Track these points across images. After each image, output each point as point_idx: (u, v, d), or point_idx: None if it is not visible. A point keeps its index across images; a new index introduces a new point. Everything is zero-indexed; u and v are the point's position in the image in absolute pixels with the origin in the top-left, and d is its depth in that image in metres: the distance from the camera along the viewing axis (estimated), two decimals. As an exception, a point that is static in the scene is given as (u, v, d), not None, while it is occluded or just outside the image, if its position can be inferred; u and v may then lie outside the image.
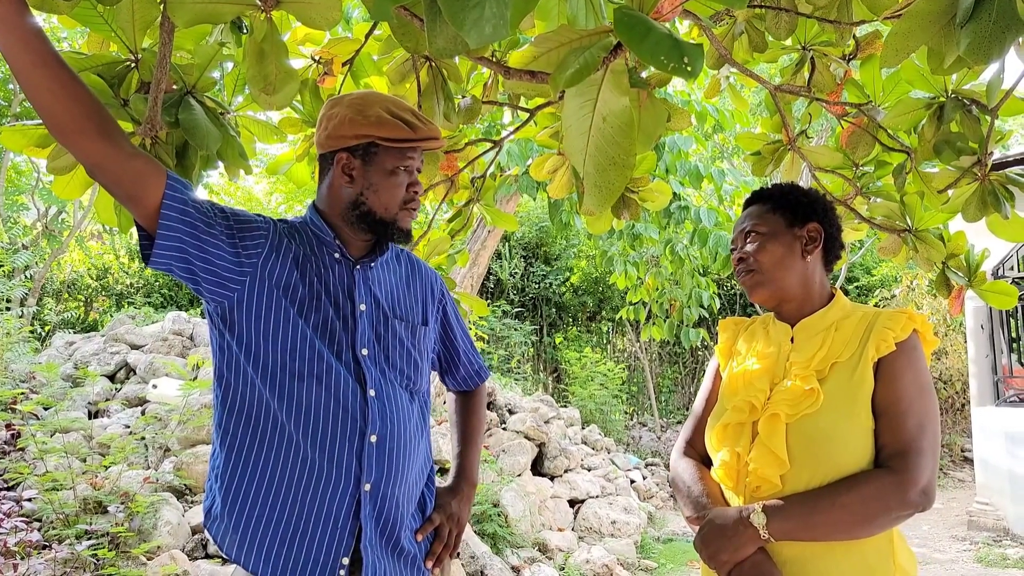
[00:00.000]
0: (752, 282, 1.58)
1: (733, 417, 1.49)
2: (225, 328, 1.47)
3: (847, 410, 1.40)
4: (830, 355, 1.48)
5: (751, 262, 1.57)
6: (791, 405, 1.42)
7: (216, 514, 1.46)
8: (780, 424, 1.41)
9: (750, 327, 1.71)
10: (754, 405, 1.48)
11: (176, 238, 1.34)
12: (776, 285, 1.56)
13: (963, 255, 2.67)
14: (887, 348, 1.43)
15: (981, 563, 5.98)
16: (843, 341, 1.48)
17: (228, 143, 1.88)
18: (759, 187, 1.71)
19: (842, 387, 1.42)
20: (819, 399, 1.41)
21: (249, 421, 1.45)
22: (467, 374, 1.85)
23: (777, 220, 1.59)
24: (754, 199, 1.68)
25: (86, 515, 3.50)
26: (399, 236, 1.57)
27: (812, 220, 1.59)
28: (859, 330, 1.49)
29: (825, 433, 1.38)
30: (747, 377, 1.56)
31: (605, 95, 1.17)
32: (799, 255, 1.57)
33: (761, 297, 1.59)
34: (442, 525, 1.62)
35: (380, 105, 1.51)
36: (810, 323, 1.54)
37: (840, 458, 1.37)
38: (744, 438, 1.47)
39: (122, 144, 1.28)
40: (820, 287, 1.59)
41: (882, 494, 1.33)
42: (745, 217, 1.64)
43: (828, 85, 2.48)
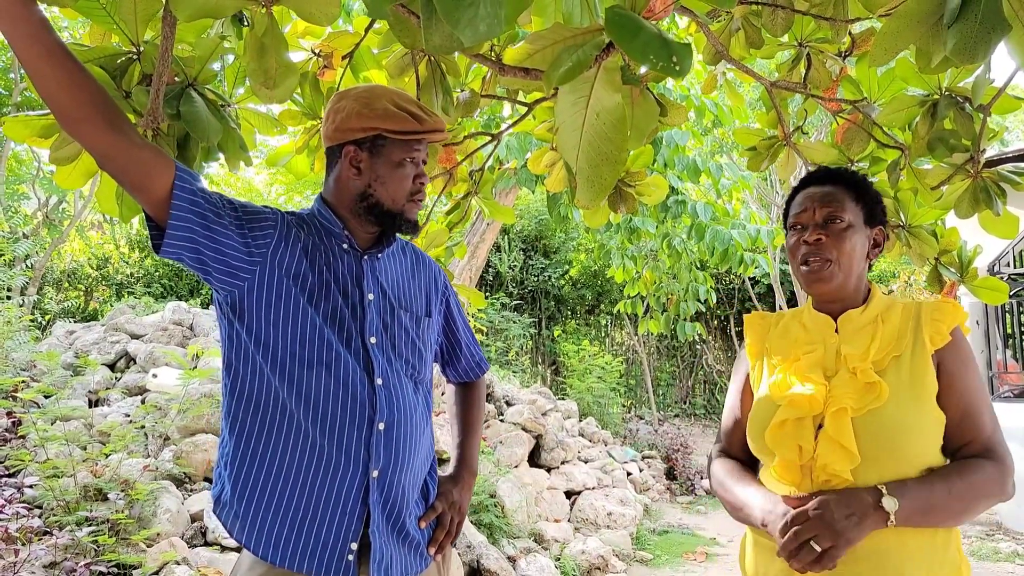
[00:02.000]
0: (828, 273, 1.48)
1: (791, 412, 1.42)
2: (235, 317, 1.49)
3: (914, 403, 1.37)
4: (885, 347, 1.44)
5: (830, 249, 1.48)
6: (855, 399, 1.38)
7: (225, 500, 1.49)
8: (847, 418, 1.36)
9: (780, 322, 1.64)
10: (815, 397, 1.41)
11: (187, 228, 1.37)
12: (846, 281, 1.49)
13: (956, 251, 2.68)
14: (942, 339, 1.42)
15: (974, 556, 6.02)
16: (894, 333, 1.45)
17: (229, 135, 1.90)
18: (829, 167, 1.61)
19: (904, 380, 1.39)
20: (884, 392, 1.37)
21: (258, 409, 1.47)
22: (468, 366, 1.88)
23: (859, 212, 1.52)
24: (835, 179, 1.56)
25: (86, 502, 3.53)
26: (406, 227, 1.60)
27: (881, 223, 1.56)
28: (906, 322, 1.46)
29: (895, 427, 1.35)
30: (798, 370, 1.48)
31: (598, 92, 1.19)
32: (866, 255, 1.53)
33: (828, 288, 1.50)
34: (444, 513, 1.65)
35: (386, 98, 1.53)
36: (855, 315, 1.50)
37: (911, 451, 1.35)
38: (807, 433, 1.40)
39: (130, 134, 1.30)
40: (865, 287, 1.56)
41: (988, 483, 1.34)
42: (825, 196, 1.52)
43: (824, 81, 2.49)
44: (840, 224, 1.49)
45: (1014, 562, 5.81)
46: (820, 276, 1.48)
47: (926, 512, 1.29)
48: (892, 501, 1.27)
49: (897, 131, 2.48)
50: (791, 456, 1.41)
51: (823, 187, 1.55)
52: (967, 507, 1.32)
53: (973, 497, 1.32)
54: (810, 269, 1.49)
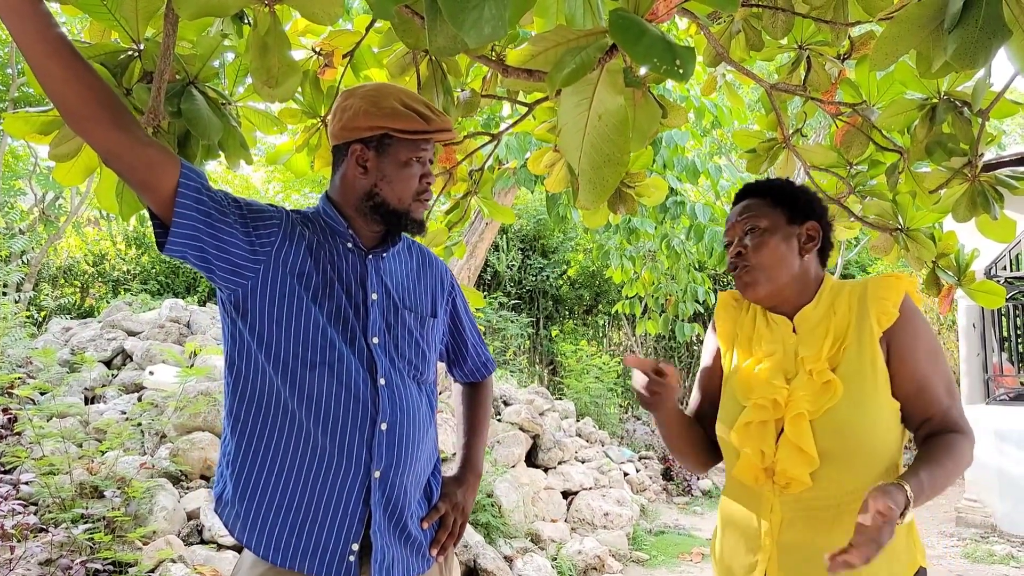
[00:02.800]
0: (750, 279, 1.55)
1: (756, 415, 1.47)
2: (238, 316, 1.49)
3: (867, 396, 1.41)
4: (837, 340, 1.47)
5: (750, 259, 1.55)
6: (812, 401, 1.42)
7: (227, 499, 1.49)
8: (805, 422, 1.41)
9: (750, 310, 1.68)
10: (777, 402, 1.46)
11: (191, 226, 1.36)
12: (774, 284, 1.54)
13: (953, 255, 2.69)
14: (889, 319, 1.45)
15: (968, 559, 6.05)
16: (843, 322, 1.49)
17: (229, 133, 1.90)
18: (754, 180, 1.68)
19: (855, 371, 1.43)
20: (838, 390, 1.41)
21: (260, 408, 1.47)
22: (474, 366, 1.87)
23: (778, 216, 1.57)
24: (751, 192, 1.64)
25: (82, 499, 3.52)
26: (412, 227, 1.59)
27: (811, 218, 1.59)
28: (853, 304, 1.49)
29: (850, 424, 1.39)
30: (761, 374, 1.53)
31: (601, 94, 1.20)
32: (797, 253, 1.56)
33: (756, 296, 1.56)
34: (447, 514, 1.64)
35: (394, 97, 1.53)
36: (808, 313, 1.54)
37: (869, 445, 1.39)
38: (769, 436, 1.46)
39: (136, 132, 1.30)
40: (815, 280, 1.58)
41: (965, 455, 1.38)
42: (743, 210, 1.61)
43: (823, 84, 2.50)
44: (757, 232, 1.56)
45: (1008, 564, 5.83)
46: (746, 283, 1.56)
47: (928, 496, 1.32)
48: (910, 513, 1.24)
49: (896, 134, 2.49)
50: (755, 458, 1.47)
51: (739, 202, 1.64)
52: (953, 481, 1.38)
53: (957, 470, 1.37)
54: (739, 279, 1.58)
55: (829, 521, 1.39)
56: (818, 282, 1.59)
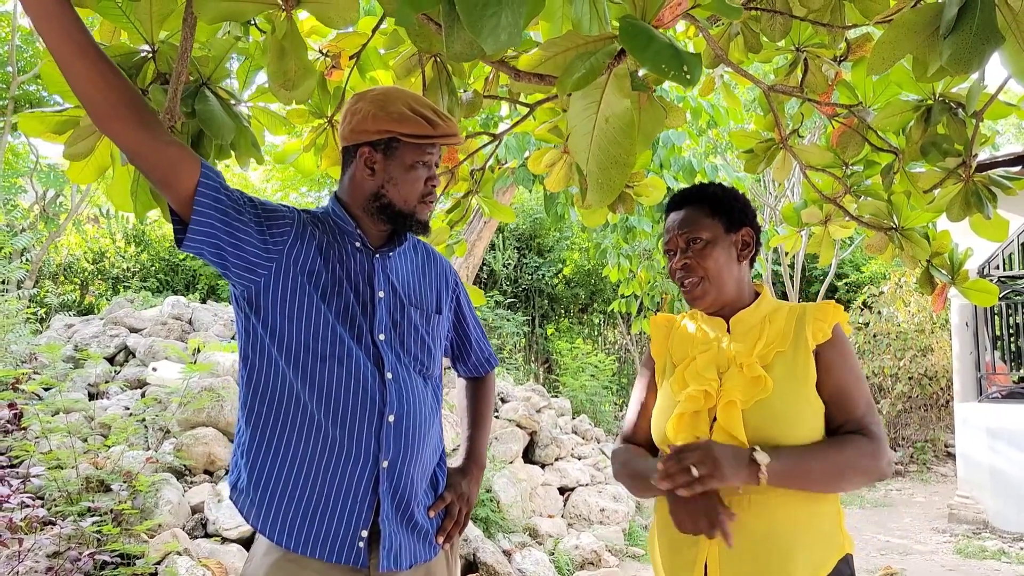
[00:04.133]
0: (700, 291, 1.62)
1: (688, 406, 1.55)
2: (251, 311, 1.53)
3: (796, 394, 1.51)
4: (770, 344, 1.57)
5: (696, 269, 1.61)
6: (744, 391, 1.51)
7: (242, 487, 1.53)
8: (737, 410, 1.49)
9: (678, 324, 1.77)
10: (709, 392, 1.55)
11: (208, 224, 1.41)
12: (720, 291, 1.63)
13: (947, 253, 2.72)
14: (823, 336, 1.56)
15: (960, 554, 6.11)
16: (779, 332, 1.58)
17: (242, 133, 1.93)
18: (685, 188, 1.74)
19: (787, 373, 1.53)
20: (768, 385, 1.50)
21: (273, 400, 1.52)
22: (478, 361, 1.92)
23: (716, 225, 1.64)
24: (687, 200, 1.70)
25: (88, 493, 3.56)
26: (417, 227, 1.64)
27: (744, 225, 1.67)
28: (791, 322, 1.59)
29: (779, 416, 1.48)
30: (694, 367, 1.61)
31: (608, 97, 1.24)
32: (735, 260, 1.65)
33: (705, 304, 1.64)
34: (453, 503, 1.69)
35: (402, 102, 1.57)
36: (744, 316, 1.64)
37: (794, 437, 1.47)
38: (702, 424, 1.54)
39: (159, 132, 1.34)
40: (748, 286, 1.69)
41: (861, 455, 1.47)
42: (682, 221, 1.65)
43: (820, 86, 2.53)
44: (699, 244, 1.62)
45: (1000, 560, 5.89)
46: (694, 295, 1.63)
47: (797, 475, 1.42)
48: (763, 455, 1.39)
49: (891, 135, 2.52)
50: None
51: (680, 211, 1.68)
52: (839, 475, 1.46)
53: (845, 466, 1.45)
54: (687, 291, 1.65)
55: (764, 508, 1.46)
56: (751, 289, 1.69)
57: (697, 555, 1.50)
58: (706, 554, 1.49)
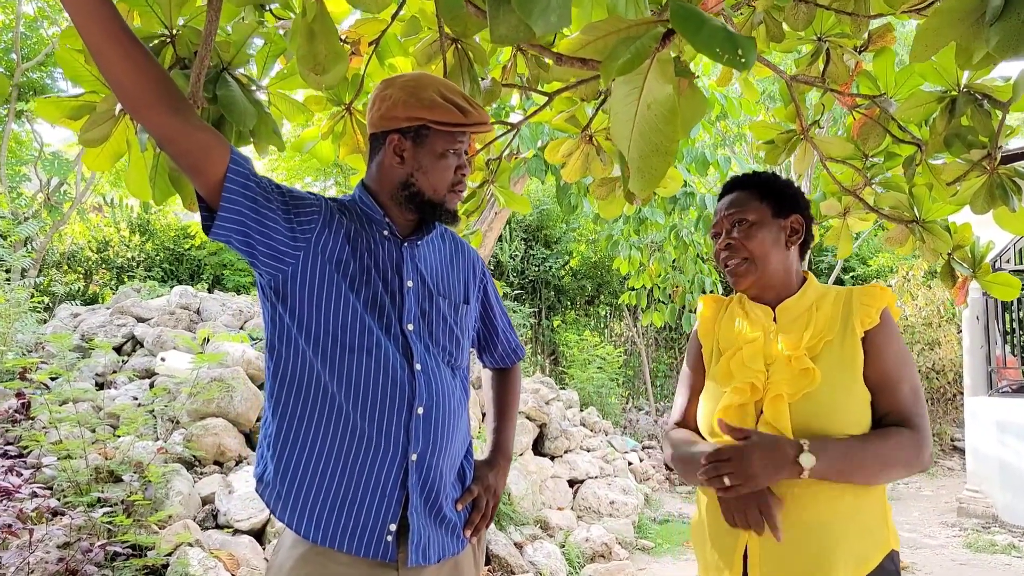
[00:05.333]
0: (743, 270, 1.62)
1: (735, 399, 1.55)
2: (278, 301, 1.50)
3: (844, 385, 1.49)
4: (818, 334, 1.55)
5: (741, 249, 1.62)
6: (791, 384, 1.49)
7: (268, 480, 1.51)
8: (783, 404, 1.48)
9: (729, 306, 1.76)
10: (755, 385, 1.54)
11: (237, 211, 1.38)
12: (764, 273, 1.62)
13: (968, 246, 2.71)
14: (871, 322, 1.54)
15: (970, 549, 6.11)
16: (826, 320, 1.57)
17: (263, 120, 1.90)
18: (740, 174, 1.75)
19: (835, 363, 1.51)
20: (816, 377, 1.48)
21: (300, 391, 1.49)
22: (504, 352, 1.89)
23: (764, 209, 1.64)
24: (737, 186, 1.71)
25: (98, 484, 3.54)
26: (446, 217, 1.61)
27: (795, 212, 1.67)
28: (838, 308, 1.58)
29: (826, 409, 1.47)
30: (740, 359, 1.60)
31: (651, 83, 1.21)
32: (783, 245, 1.64)
33: (748, 284, 1.64)
34: (480, 496, 1.67)
35: (433, 88, 1.54)
36: (791, 305, 1.62)
37: (841, 429, 1.45)
38: (748, 418, 1.53)
39: (190, 118, 1.31)
40: (796, 274, 1.67)
41: (904, 448, 1.45)
42: (730, 204, 1.68)
43: (842, 76, 2.50)
44: (744, 225, 1.63)
45: (1010, 554, 5.88)
46: (738, 272, 1.63)
47: (842, 470, 1.40)
48: (810, 458, 1.37)
49: (913, 127, 2.50)
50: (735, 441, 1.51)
51: (730, 196, 1.70)
52: (881, 469, 1.45)
53: (888, 460, 1.44)
54: (730, 269, 1.64)
55: (808, 499, 1.44)
56: (800, 277, 1.68)
57: (737, 543, 1.49)
58: (746, 542, 1.48)
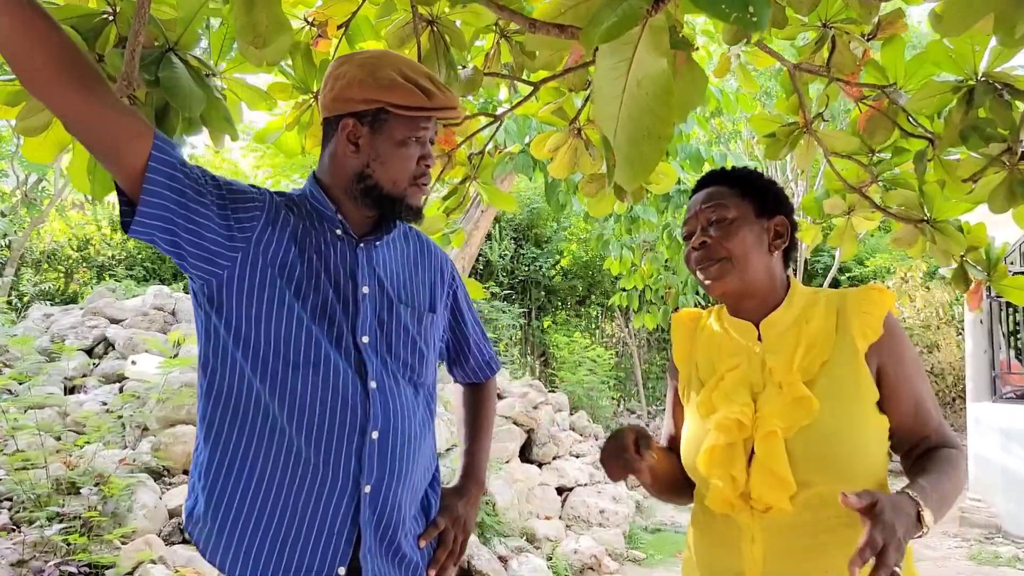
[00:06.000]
0: (719, 272, 1.38)
1: (720, 438, 1.32)
2: (212, 309, 1.33)
3: (849, 413, 1.28)
4: (811, 352, 1.34)
5: (718, 249, 1.39)
6: (784, 417, 1.28)
7: (199, 516, 1.33)
8: (779, 442, 1.26)
9: (704, 324, 1.54)
10: (742, 422, 1.31)
11: (161, 205, 1.20)
12: (745, 277, 1.39)
13: (983, 248, 2.59)
14: (874, 333, 1.32)
15: (974, 561, 5.95)
16: (818, 334, 1.35)
17: (213, 106, 1.75)
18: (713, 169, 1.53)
19: (835, 388, 1.30)
20: (814, 406, 1.27)
21: (237, 413, 1.31)
22: (477, 365, 1.70)
23: (746, 206, 1.43)
24: (715, 180, 1.49)
25: (58, 496, 3.36)
26: (407, 214, 1.42)
27: (779, 213, 1.45)
28: (830, 318, 1.36)
29: (831, 443, 1.26)
30: (723, 390, 1.38)
31: (641, 56, 1.02)
32: (766, 249, 1.42)
33: (726, 288, 1.40)
34: (447, 530, 1.49)
35: (393, 67, 1.35)
36: (776, 319, 1.40)
37: (853, 465, 1.26)
38: (738, 460, 1.30)
39: (102, 96, 1.13)
40: (780, 282, 1.45)
41: (962, 470, 1.27)
42: (707, 197, 1.45)
43: (848, 65, 2.36)
44: (724, 222, 1.41)
45: (1014, 567, 5.74)
46: (715, 275, 1.40)
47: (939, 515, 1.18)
48: (930, 515, 1.13)
49: (924, 120, 2.36)
50: (727, 486, 1.31)
51: (706, 190, 1.48)
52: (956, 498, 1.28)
53: (960, 486, 1.27)
54: (705, 273, 1.41)
55: (818, 549, 1.25)
56: (784, 286, 1.45)
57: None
58: None
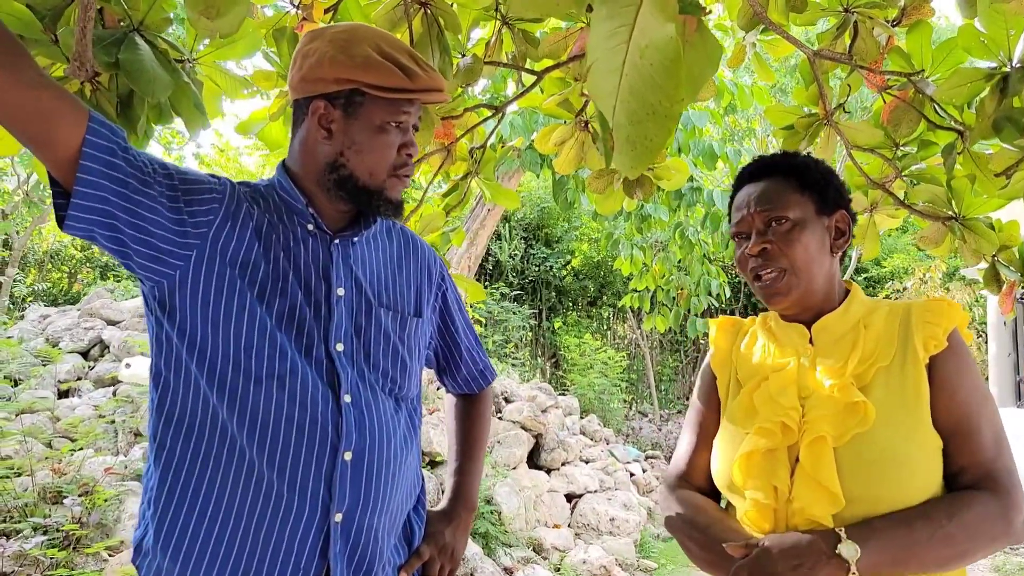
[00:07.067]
0: (785, 286, 1.24)
1: (761, 443, 1.19)
2: (163, 315, 1.18)
3: (907, 426, 1.14)
4: (868, 358, 1.20)
5: (780, 258, 1.24)
6: (835, 424, 1.15)
7: (147, 548, 1.18)
8: (827, 449, 1.13)
9: (750, 330, 1.41)
10: (787, 425, 1.18)
11: (99, 196, 1.06)
12: (808, 289, 1.25)
13: (1016, 247, 2.43)
14: (937, 345, 1.18)
15: (998, 572, 5.78)
16: (878, 340, 1.22)
17: (182, 92, 1.61)
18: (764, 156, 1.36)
19: (894, 397, 1.16)
20: (870, 414, 1.13)
21: (191, 433, 1.17)
22: (470, 375, 1.56)
23: (807, 204, 1.28)
24: (768, 170, 1.33)
25: (45, 504, 3.23)
26: (385, 208, 1.27)
27: (840, 207, 1.30)
28: (893, 325, 1.23)
29: (886, 456, 1.12)
30: (766, 391, 1.25)
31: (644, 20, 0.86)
32: (828, 250, 1.28)
33: (788, 303, 1.26)
34: (432, 560, 1.34)
35: (370, 43, 1.20)
36: (831, 322, 1.27)
37: (907, 485, 1.11)
38: (781, 469, 1.17)
39: (24, 72, 0.99)
40: (839, 285, 1.32)
41: (987, 521, 1.10)
42: (763, 196, 1.29)
43: (871, 53, 2.21)
44: (784, 225, 1.26)
45: (1040, 579, 5.56)
46: (777, 290, 1.26)
47: (900, 560, 1.06)
48: (851, 547, 1.04)
49: (953, 110, 2.21)
50: (768, 498, 1.17)
51: (759, 184, 1.32)
52: (960, 552, 1.09)
53: (967, 539, 1.09)
54: (764, 285, 1.28)
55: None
56: (842, 289, 1.32)
57: None
58: None
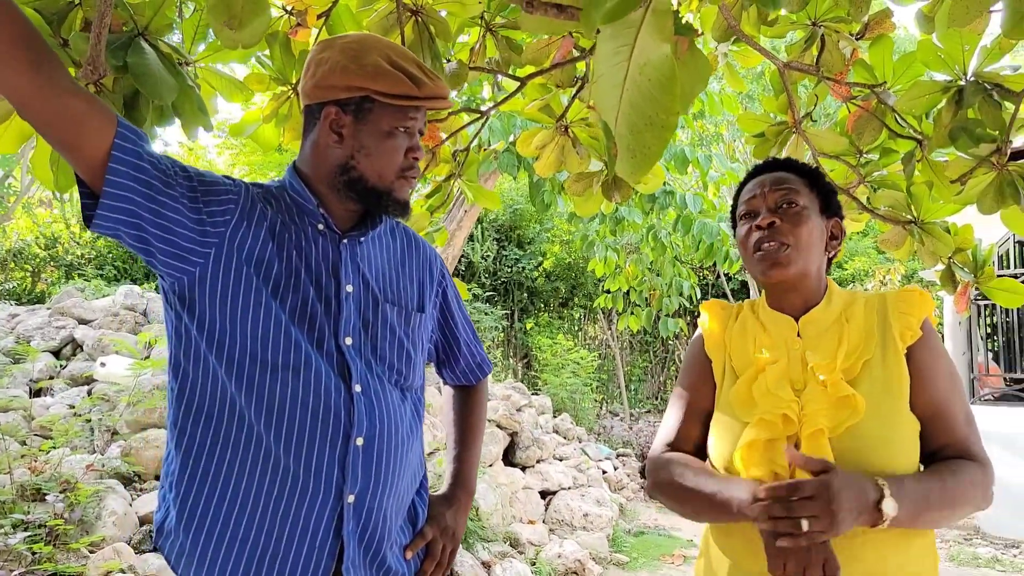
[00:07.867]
0: (786, 257, 1.34)
1: (762, 433, 1.28)
2: (183, 309, 1.25)
3: (892, 415, 1.25)
4: (854, 351, 1.31)
5: (787, 233, 1.35)
6: (829, 416, 1.24)
7: (169, 529, 1.25)
8: (824, 440, 1.23)
9: (739, 315, 1.50)
10: (788, 417, 1.27)
11: (126, 197, 1.12)
12: (805, 268, 1.36)
13: (971, 250, 2.56)
14: (913, 336, 1.30)
15: (953, 562, 5.96)
16: (861, 334, 1.32)
17: (185, 94, 1.67)
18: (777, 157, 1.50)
19: (879, 389, 1.27)
20: (861, 406, 1.24)
21: (210, 420, 1.23)
22: (468, 367, 1.64)
23: (814, 200, 1.41)
24: (781, 167, 1.46)
25: (23, 502, 3.22)
26: (395, 208, 1.34)
27: (837, 215, 1.44)
28: (871, 318, 1.34)
29: (875, 443, 1.22)
30: (763, 383, 1.34)
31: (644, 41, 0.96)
32: (824, 247, 1.41)
33: (787, 275, 1.36)
34: (435, 540, 1.42)
35: (379, 52, 1.28)
36: (817, 316, 1.37)
37: (891, 467, 1.22)
38: (780, 456, 1.26)
39: (59, 79, 1.05)
40: (823, 283, 1.43)
41: (975, 487, 1.24)
42: (778, 181, 1.41)
43: (837, 65, 2.34)
44: (795, 208, 1.38)
45: (993, 568, 5.76)
46: (778, 259, 1.35)
47: (917, 515, 1.18)
48: (892, 504, 1.14)
49: (912, 120, 2.34)
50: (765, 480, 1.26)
51: (773, 173, 1.45)
52: (953, 511, 1.24)
53: (961, 501, 1.23)
54: (765, 253, 1.36)
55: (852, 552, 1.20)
56: (824, 287, 1.44)
57: None
58: None
